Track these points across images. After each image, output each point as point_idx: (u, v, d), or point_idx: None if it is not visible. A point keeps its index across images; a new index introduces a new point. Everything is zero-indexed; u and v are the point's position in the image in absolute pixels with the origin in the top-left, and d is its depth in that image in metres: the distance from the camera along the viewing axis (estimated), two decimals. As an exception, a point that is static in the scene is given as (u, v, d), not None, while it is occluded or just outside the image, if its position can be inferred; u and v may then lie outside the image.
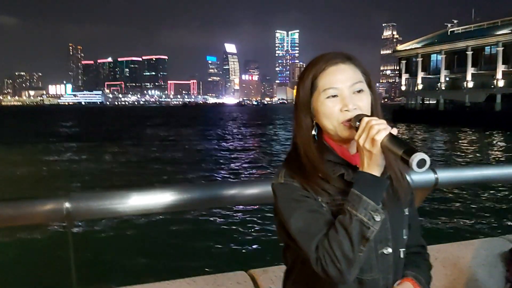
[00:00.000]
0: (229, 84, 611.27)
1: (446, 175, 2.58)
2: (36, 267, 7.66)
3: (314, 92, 1.32)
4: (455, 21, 65.64)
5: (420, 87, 62.31)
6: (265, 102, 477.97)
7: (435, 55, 61.15)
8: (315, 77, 1.32)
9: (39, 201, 1.85)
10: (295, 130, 1.37)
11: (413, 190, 1.48)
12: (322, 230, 1.21)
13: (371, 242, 1.19)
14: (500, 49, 51.64)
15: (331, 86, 1.29)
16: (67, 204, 1.81)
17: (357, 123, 1.24)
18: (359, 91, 1.31)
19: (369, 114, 1.30)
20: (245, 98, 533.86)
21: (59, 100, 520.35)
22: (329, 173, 1.30)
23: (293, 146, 1.38)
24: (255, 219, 10.52)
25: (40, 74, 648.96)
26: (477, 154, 25.77)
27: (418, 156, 1.08)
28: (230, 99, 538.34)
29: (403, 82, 66.85)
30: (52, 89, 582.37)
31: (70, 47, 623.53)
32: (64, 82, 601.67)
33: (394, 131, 1.19)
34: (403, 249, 1.39)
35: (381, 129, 1.17)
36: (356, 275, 1.20)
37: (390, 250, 1.33)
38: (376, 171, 1.21)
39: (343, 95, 1.29)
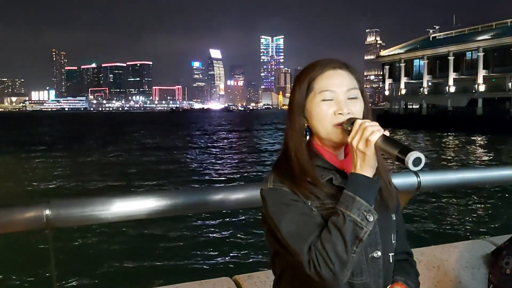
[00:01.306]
0: (214, 89, 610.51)
1: (428, 178, 2.59)
2: (17, 276, 7.52)
3: (310, 94, 1.33)
4: (437, 27, 66.86)
5: (403, 92, 63.13)
6: (251, 108, 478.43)
7: (418, 60, 62.09)
8: (312, 79, 1.33)
9: (18, 209, 1.80)
10: (287, 133, 1.36)
11: (397, 196, 1.49)
12: (314, 232, 1.20)
13: (364, 243, 1.20)
14: (481, 54, 52.66)
15: (328, 88, 1.31)
16: (47, 211, 1.77)
17: (350, 126, 1.25)
18: (353, 98, 1.33)
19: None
20: (230, 104, 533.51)
21: (42, 106, 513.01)
22: (318, 177, 1.30)
23: (284, 149, 1.37)
24: (240, 224, 10.51)
25: (22, 80, 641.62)
26: (460, 158, 26.14)
27: (413, 155, 1.11)
28: (215, 105, 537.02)
29: (387, 87, 67.68)
30: (35, 95, 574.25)
31: (53, 53, 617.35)
32: (47, 88, 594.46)
33: (387, 133, 1.21)
34: (392, 254, 1.40)
35: (375, 131, 1.20)
36: (348, 277, 1.20)
37: (379, 253, 1.33)
38: (369, 173, 1.22)
39: (338, 99, 1.31)
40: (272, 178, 1.33)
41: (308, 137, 1.36)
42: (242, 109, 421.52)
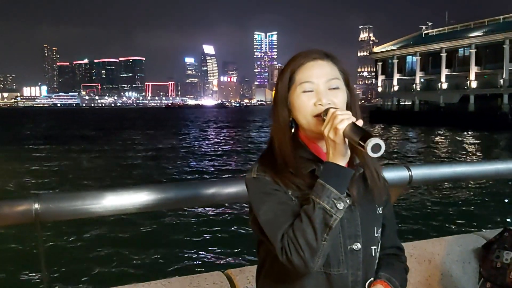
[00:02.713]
0: (207, 85, 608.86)
1: (420, 172, 2.60)
2: (5, 271, 7.47)
3: (292, 86, 1.34)
4: (430, 24, 67.07)
5: (396, 88, 63.31)
6: (245, 104, 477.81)
7: (411, 57, 62.20)
8: (293, 71, 1.34)
9: (7, 203, 1.79)
10: (272, 124, 1.39)
11: (389, 191, 1.49)
12: (289, 221, 1.23)
13: (335, 231, 1.21)
14: (473, 51, 52.85)
15: (307, 80, 1.32)
16: (36, 205, 1.75)
17: (325, 116, 1.26)
18: (334, 88, 1.33)
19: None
20: (224, 100, 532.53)
21: (34, 102, 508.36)
22: (300, 168, 1.32)
23: (269, 141, 1.40)
24: (232, 219, 10.53)
25: (14, 75, 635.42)
26: (451, 153, 26.32)
27: (372, 141, 1.12)
28: (208, 101, 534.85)
29: (380, 83, 67.87)
30: (27, 91, 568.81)
31: (45, 48, 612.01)
32: (39, 83, 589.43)
33: (360, 123, 1.21)
34: (375, 247, 1.39)
35: (344, 119, 1.20)
36: (320, 264, 1.21)
37: (359, 246, 1.33)
38: (340, 161, 1.24)
39: (318, 90, 1.32)
40: (256, 167, 1.35)
41: (294, 129, 1.37)
42: (238, 105, 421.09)
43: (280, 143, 1.34)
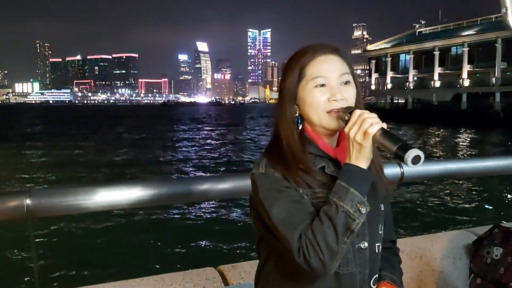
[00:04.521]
0: (201, 83, 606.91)
1: (411, 169, 2.56)
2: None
3: (301, 80, 1.31)
4: (423, 22, 67.46)
5: (389, 86, 63.63)
6: (240, 102, 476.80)
7: (404, 55, 62.56)
8: (303, 66, 1.31)
9: (-2, 198, 1.77)
10: (278, 120, 1.34)
11: (387, 187, 1.48)
12: (306, 220, 1.19)
13: (354, 234, 1.18)
14: (466, 49, 53.25)
15: (320, 75, 1.29)
16: (28, 201, 1.74)
17: (347, 115, 1.23)
18: (346, 83, 1.31)
19: (354, 106, 1.30)
20: (217, 97, 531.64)
21: (26, 99, 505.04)
22: (310, 165, 1.29)
23: (274, 137, 1.35)
24: (225, 215, 10.55)
25: (5, 72, 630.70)
26: (443, 150, 26.51)
27: (413, 153, 1.09)
28: (202, 98, 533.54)
29: (373, 81, 68.18)
30: (19, 87, 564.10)
31: (38, 44, 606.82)
32: (31, 80, 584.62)
33: (385, 126, 1.19)
34: (379, 244, 1.38)
35: (374, 123, 1.17)
36: (336, 267, 1.19)
37: (366, 244, 1.32)
38: (364, 164, 1.21)
39: (331, 85, 1.29)
40: (264, 163, 1.30)
41: (300, 125, 1.34)
42: (233, 102, 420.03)
43: (289, 141, 1.30)
